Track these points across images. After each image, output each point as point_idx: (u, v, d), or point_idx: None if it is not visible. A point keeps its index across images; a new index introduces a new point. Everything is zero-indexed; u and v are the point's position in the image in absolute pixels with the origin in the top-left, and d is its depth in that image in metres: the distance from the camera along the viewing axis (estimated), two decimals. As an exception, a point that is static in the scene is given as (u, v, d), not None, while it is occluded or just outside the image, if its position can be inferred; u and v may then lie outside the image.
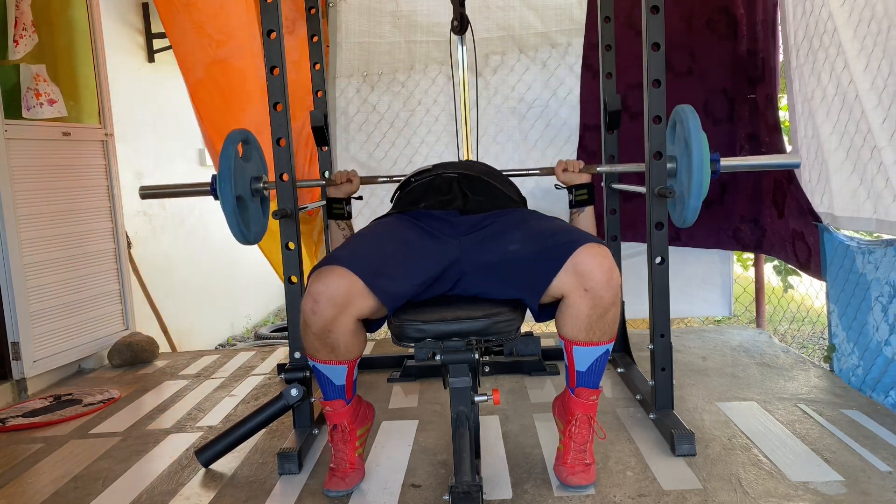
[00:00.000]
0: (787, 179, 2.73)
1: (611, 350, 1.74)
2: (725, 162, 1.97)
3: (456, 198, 1.97)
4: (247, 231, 2.02)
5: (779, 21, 2.73)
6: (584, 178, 2.25)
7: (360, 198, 2.44)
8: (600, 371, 1.73)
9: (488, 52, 3.31)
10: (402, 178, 2.24)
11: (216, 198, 1.94)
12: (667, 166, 2.01)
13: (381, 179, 2.51)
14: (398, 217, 1.97)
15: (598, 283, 1.63)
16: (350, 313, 1.64)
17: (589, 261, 1.63)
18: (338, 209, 2.32)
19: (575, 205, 2.25)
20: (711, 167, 1.87)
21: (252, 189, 2.06)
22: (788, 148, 2.77)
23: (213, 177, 1.95)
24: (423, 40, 3.36)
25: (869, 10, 2.15)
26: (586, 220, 2.23)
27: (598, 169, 2.32)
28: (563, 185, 2.29)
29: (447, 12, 2.88)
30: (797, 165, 2.13)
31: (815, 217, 2.57)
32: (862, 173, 2.29)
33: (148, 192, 2.26)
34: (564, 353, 1.74)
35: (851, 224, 2.39)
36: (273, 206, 2.10)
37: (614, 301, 1.66)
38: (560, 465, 1.75)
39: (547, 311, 1.76)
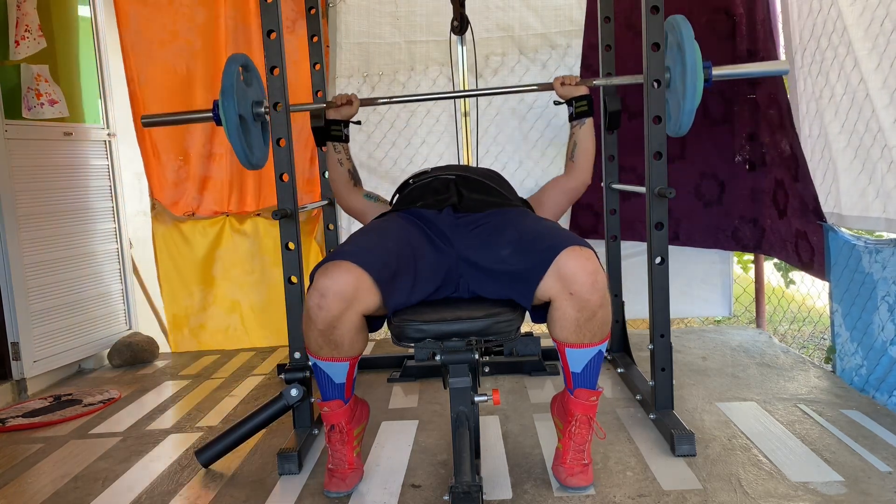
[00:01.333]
0: (791, 178, 2.72)
1: (605, 350, 1.74)
2: (717, 70, 2.07)
3: (451, 196, 1.98)
4: (250, 153, 2.11)
5: (779, 22, 2.72)
6: (582, 90, 2.27)
7: (358, 122, 2.46)
8: (596, 371, 1.73)
9: (488, 52, 3.31)
10: (402, 100, 2.53)
11: (218, 123, 2.03)
12: (664, 76, 2.06)
13: (381, 101, 2.51)
14: (396, 214, 1.98)
15: (583, 287, 1.62)
16: (356, 309, 1.65)
17: (571, 264, 1.62)
18: (336, 131, 2.34)
19: (575, 117, 2.27)
20: (704, 74, 1.99)
21: (254, 113, 2.14)
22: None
23: (215, 102, 2.03)
24: (423, 41, 3.36)
25: (883, 9, 2.14)
26: (587, 132, 2.26)
27: (594, 82, 2.34)
28: (563, 100, 2.32)
29: (447, 12, 2.88)
30: (786, 72, 2.31)
31: (820, 216, 2.57)
32: (871, 172, 2.28)
33: (150, 121, 2.34)
34: (558, 356, 1.74)
35: (860, 223, 2.38)
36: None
37: (602, 303, 1.65)
38: (559, 465, 1.75)
39: (543, 312, 1.76)
